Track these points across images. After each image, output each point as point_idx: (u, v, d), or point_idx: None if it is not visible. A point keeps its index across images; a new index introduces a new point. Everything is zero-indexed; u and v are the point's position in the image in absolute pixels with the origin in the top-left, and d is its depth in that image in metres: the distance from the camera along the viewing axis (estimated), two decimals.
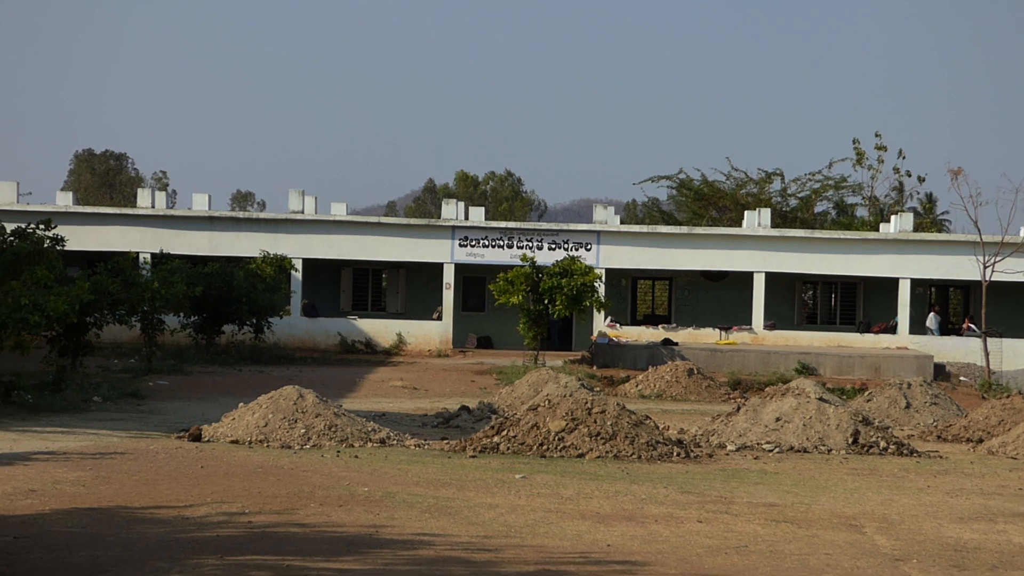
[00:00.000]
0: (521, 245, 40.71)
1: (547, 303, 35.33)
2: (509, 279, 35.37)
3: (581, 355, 38.17)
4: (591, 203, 48.40)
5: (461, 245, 41.01)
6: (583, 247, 40.73)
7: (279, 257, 38.84)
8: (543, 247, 40.63)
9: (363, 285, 44.05)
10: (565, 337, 42.32)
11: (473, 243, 41.01)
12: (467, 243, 41.01)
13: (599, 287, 36.88)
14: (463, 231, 41.14)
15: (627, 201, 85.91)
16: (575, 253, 39.69)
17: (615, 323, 40.46)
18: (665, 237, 41.81)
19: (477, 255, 41.04)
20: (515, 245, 40.79)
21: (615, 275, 42.32)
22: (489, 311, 42.26)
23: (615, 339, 38.58)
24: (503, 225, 42.17)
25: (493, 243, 41.03)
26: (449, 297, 40.97)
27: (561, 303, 35.13)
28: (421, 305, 42.90)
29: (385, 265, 43.38)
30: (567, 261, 36.13)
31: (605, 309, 38.20)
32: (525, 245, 40.69)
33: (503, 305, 36.38)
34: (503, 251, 40.79)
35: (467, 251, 41.04)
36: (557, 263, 36.26)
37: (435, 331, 40.51)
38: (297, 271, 40.12)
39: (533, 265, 35.83)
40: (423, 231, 41.60)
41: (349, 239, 41.25)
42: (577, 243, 40.86)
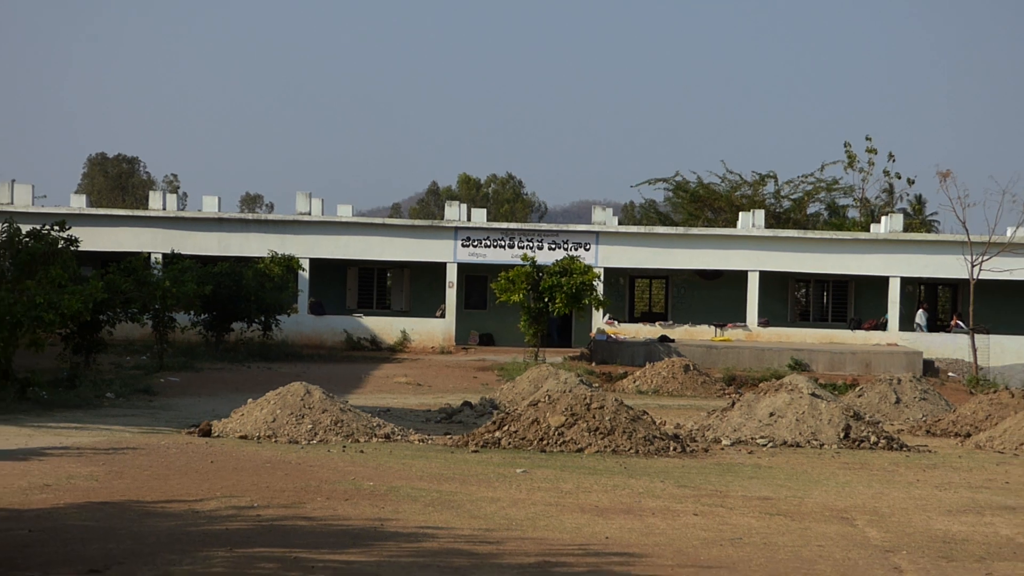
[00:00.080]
0: (522, 245, 40.70)
1: (547, 301, 35.35)
2: (510, 278, 35.39)
3: (580, 352, 38.15)
4: (590, 205, 48.38)
5: (464, 245, 41.00)
6: (582, 247, 40.70)
7: (287, 257, 38.84)
8: (543, 247, 40.61)
9: (368, 284, 44.04)
10: (565, 334, 42.31)
11: (475, 243, 40.99)
12: (469, 243, 40.99)
13: (598, 286, 36.90)
14: (465, 232, 41.13)
15: (625, 203, 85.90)
16: (574, 253, 39.65)
17: (613, 321, 40.45)
18: (662, 237, 41.78)
19: (479, 255, 41.02)
20: (516, 245, 40.77)
21: (613, 274, 42.30)
22: (491, 309, 42.26)
23: (613, 336, 38.57)
24: (504, 226, 42.17)
25: (495, 243, 41.01)
26: (452, 295, 40.97)
27: (561, 301, 35.15)
28: (425, 303, 42.90)
29: (390, 265, 43.37)
30: (566, 260, 36.13)
31: (603, 307, 38.19)
32: (526, 245, 40.67)
33: (504, 303, 36.43)
34: (504, 251, 40.78)
35: (469, 251, 41.02)
36: (557, 262, 36.28)
37: (438, 328, 40.52)
38: (304, 271, 40.12)
39: (533, 264, 35.85)
40: (427, 232, 41.59)
41: (355, 240, 41.24)
42: (576, 243, 40.85)
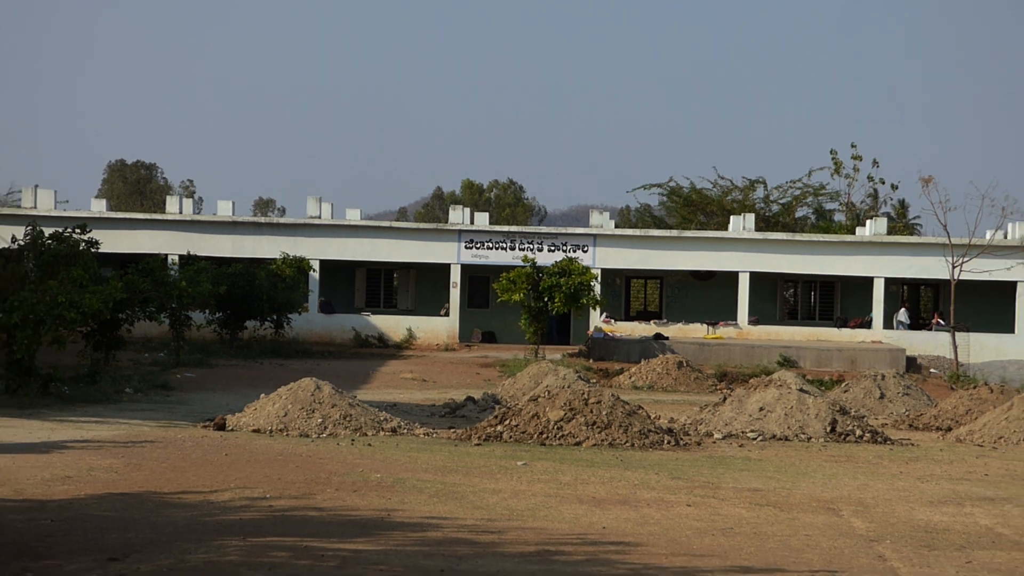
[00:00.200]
0: (522, 247, 40.68)
1: (547, 301, 35.34)
2: (511, 278, 35.39)
3: (578, 349, 38.13)
4: (588, 209, 48.46)
5: (467, 247, 40.99)
6: (580, 249, 40.69)
7: (298, 259, 38.85)
8: (543, 249, 40.59)
9: (376, 284, 44.03)
10: (563, 332, 42.30)
11: (478, 245, 40.97)
12: (472, 245, 40.98)
13: (595, 286, 36.89)
14: (469, 234, 41.11)
15: (621, 207, 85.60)
16: (573, 255, 39.66)
17: (610, 319, 40.43)
18: (656, 240, 41.77)
19: (482, 256, 41.01)
20: (517, 247, 40.75)
21: (610, 275, 42.29)
22: (493, 308, 42.25)
23: (610, 334, 38.55)
24: (506, 229, 42.16)
25: (496, 245, 41.00)
26: (456, 295, 40.96)
27: (560, 301, 35.14)
28: (430, 303, 42.89)
29: (396, 266, 43.36)
30: (565, 262, 36.12)
31: (601, 306, 38.19)
32: (526, 247, 40.66)
33: (506, 302, 36.42)
34: (506, 253, 40.76)
35: (472, 253, 41.01)
36: (556, 264, 36.27)
37: (443, 326, 40.50)
38: (315, 271, 40.12)
39: (534, 266, 35.84)
40: (432, 234, 41.58)
41: (363, 242, 41.23)
42: (575, 245, 40.82)
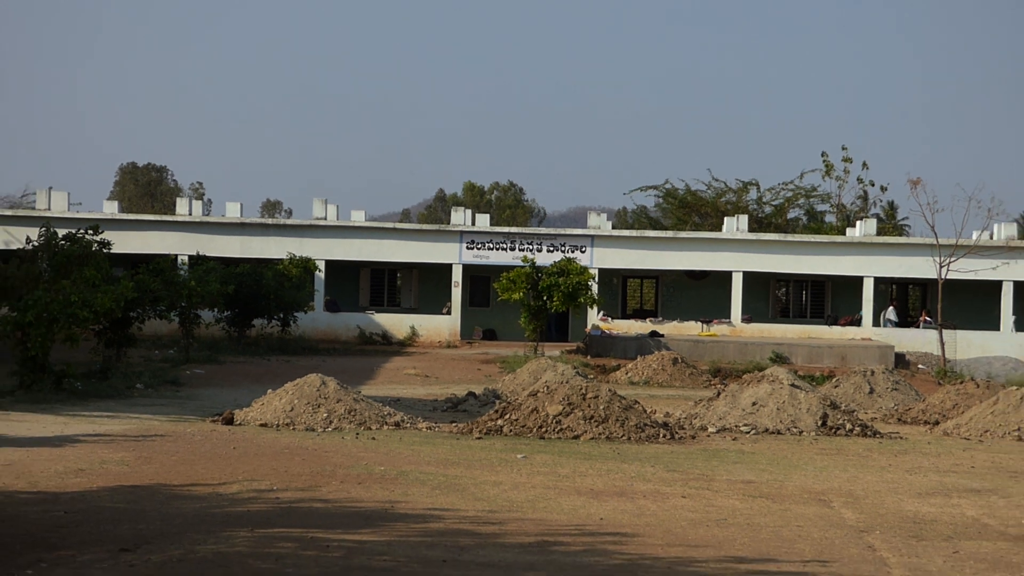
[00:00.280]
0: (522, 248, 40.66)
1: (546, 299, 35.33)
2: (512, 278, 35.38)
3: (576, 346, 38.12)
4: (586, 210, 48.41)
5: (468, 248, 40.97)
6: (578, 249, 40.67)
7: (304, 259, 38.84)
8: (542, 249, 40.57)
9: (380, 283, 44.02)
10: (562, 330, 42.28)
11: (479, 246, 40.96)
12: (474, 246, 40.96)
13: (593, 285, 36.87)
14: (470, 235, 41.09)
15: (618, 208, 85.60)
16: (571, 255, 39.64)
17: (607, 317, 40.42)
18: (652, 240, 41.74)
19: (483, 256, 40.99)
20: (517, 248, 40.73)
21: (607, 274, 42.27)
22: (493, 306, 42.23)
23: (607, 331, 38.55)
24: (506, 230, 42.13)
25: (497, 246, 40.98)
26: (457, 294, 40.94)
27: (558, 299, 35.13)
28: (432, 301, 42.87)
29: (400, 266, 43.35)
30: (564, 262, 36.12)
31: (598, 305, 38.19)
32: (526, 248, 40.64)
33: (506, 301, 36.41)
34: (506, 253, 40.74)
35: (474, 253, 40.99)
36: (555, 264, 36.26)
37: (445, 324, 40.48)
38: (320, 271, 40.11)
39: (533, 266, 35.84)
40: (434, 235, 41.57)
41: (367, 243, 41.21)
42: (573, 246, 40.81)
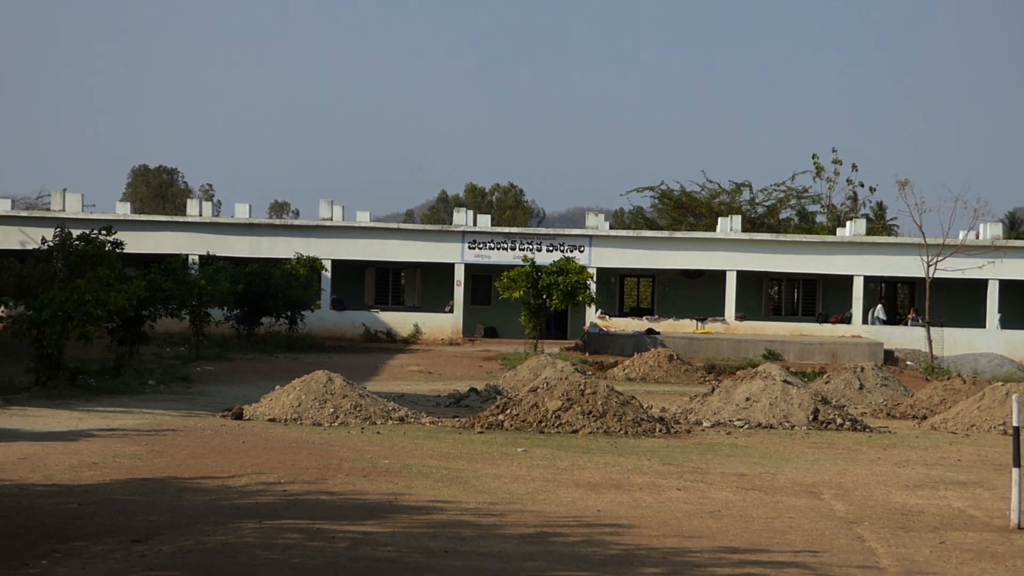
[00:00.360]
0: (523, 247, 40.67)
1: (545, 298, 35.34)
2: (512, 277, 35.39)
3: (575, 343, 38.15)
4: (584, 211, 48.40)
5: (470, 248, 40.98)
6: (577, 249, 40.68)
7: (311, 258, 38.85)
8: (542, 249, 40.59)
9: (384, 282, 44.04)
10: (561, 327, 42.30)
11: (480, 246, 40.97)
12: (475, 246, 40.98)
13: (591, 284, 36.89)
14: (472, 235, 41.11)
15: (615, 209, 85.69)
16: (570, 254, 39.66)
17: (605, 315, 40.44)
18: (648, 240, 41.76)
19: (484, 256, 41.01)
20: (517, 247, 40.75)
21: (605, 273, 42.29)
22: (494, 305, 42.26)
23: (605, 329, 38.57)
24: (507, 230, 42.16)
25: (498, 246, 40.99)
26: (459, 293, 40.96)
27: (557, 298, 35.14)
28: (435, 300, 42.89)
29: (404, 265, 43.36)
30: (563, 261, 36.12)
31: (596, 303, 38.19)
32: (526, 247, 40.65)
33: (507, 300, 36.43)
34: (507, 253, 40.76)
35: (475, 253, 41.01)
36: (554, 263, 36.27)
37: (447, 322, 40.50)
38: (327, 271, 40.13)
39: (533, 265, 35.84)
40: (437, 235, 41.59)
41: (372, 243, 41.23)
42: (572, 246, 40.82)
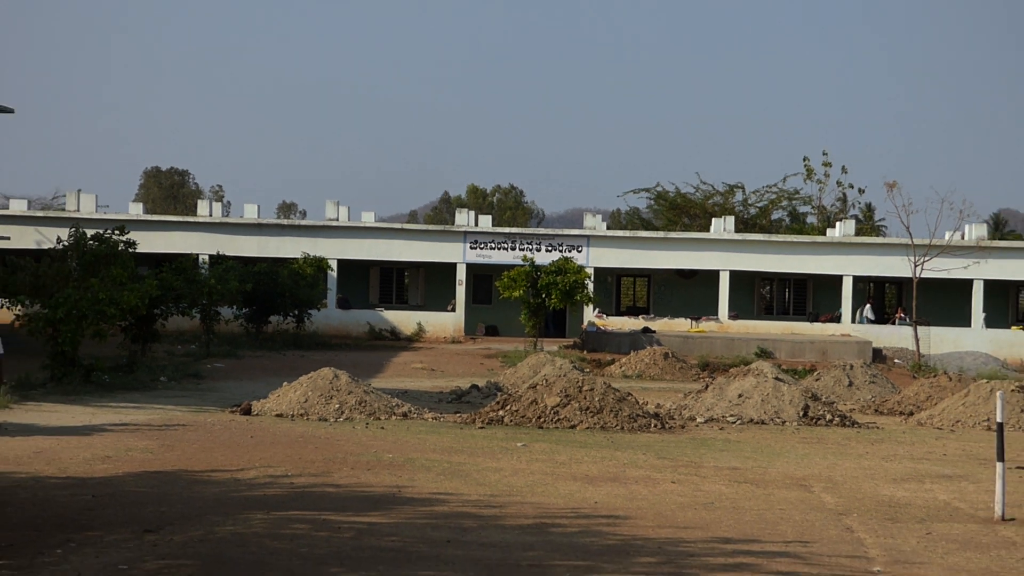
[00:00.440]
0: (522, 248, 40.68)
1: (544, 297, 35.33)
2: (512, 276, 35.38)
3: (573, 341, 38.14)
4: (582, 212, 48.38)
5: (472, 248, 40.99)
6: (575, 249, 40.69)
7: (317, 258, 38.86)
8: (541, 249, 40.59)
9: (388, 282, 44.05)
10: (560, 326, 42.29)
11: (482, 246, 40.98)
12: (477, 246, 40.98)
13: (588, 283, 36.87)
14: (473, 236, 41.12)
15: (612, 210, 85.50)
16: (568, 254, 39.66)
17: (602, 314, 40.44)
18: (644, 241, 41.77)
19: (485, 256, 41.02)
20: (517, 248, 40.75)
21: (602, 273, 42.28)
22: (495, 303, 42.24)
23: (602, 327, 38.57)
24: (507, 231, 42.16)
25: (499, 246, 41.00)
26: (461, 292, 40.97)
27: (556, 297, 35.14)
28: (438, 298, 42.90)
29: (407, 264, 43.37)
30: (561, 261, 36.12)
31: (594, 302, 38.16)
32: (526, 248, 40.65)
33: (507, 299, 36.41)
34: (507, 253, 40.76)
35: (477, 253, 41.02)
36: (553, 263, 36.26)
37: (449, 321, 40.51)
38: (333, 270, 40.14)
39: (532, 265, 35.83)
40: (439, 236, 41.60)
41: (377, 243, 41.24)
42: (570, 246, 40.83)
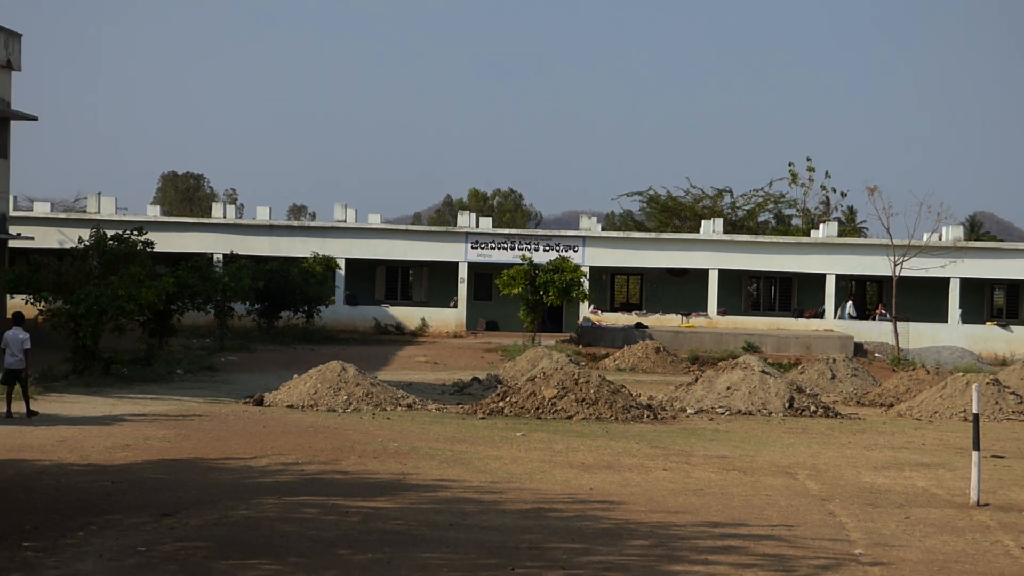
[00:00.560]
0: (521, 247, 40.67)
1: (542, 294, 35.37)
2: (512, 275, 35.43)
3: (569, 336, 38.13)
4: (578, 214, 48.33)
5: (473, 247, 40.98)
6: (571, 249, 40.68)
7: (326, 257, 38.86)
8: (539, 249, 40.58)
9: (394, 279, 44.03)
10: (556, 321, 42.27)
11: (483, 246, 40.97)
12: (478, 246, 40.98)
13: (584, 281, 36.92)
14: (475, 236, 41.11)
15: (607, 212, 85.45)
16: (565, 254, 39.66)
17: (597, 310, 40.44)
18: (637, 241, 41.76)
19: (486, 255, 41.01)
20: (516, 247, 40.74)
21: (597, 271, 42.25)
22: (495, 300, 42.23)
23: (597, 323, 38.58)
24: (507, 231, 42.14)
25: (499, 246, 40.99)
26: (463, 289, 40.96)
27: (553, 294, 35.17)
28: (441, 295, 42.88)
29: (412, 263, 43.36)
30: (558, 260, 36.17)
31: (589, 299, 38.21)
32: (525, 248, 40.64)
33: (507, 295, 36.44)
34: (507, 252, 40.74)
35: (478, 252, 41.01)
36: (550, 262, 36.30)
37: (452, 316, 40.51)
38: (341, 268, 40.12)
39: (531, 264, 35.88)
40: (442, 236, 41.59)
41: (383, 243, 41.22)
42: (566, 246, 40.82)
